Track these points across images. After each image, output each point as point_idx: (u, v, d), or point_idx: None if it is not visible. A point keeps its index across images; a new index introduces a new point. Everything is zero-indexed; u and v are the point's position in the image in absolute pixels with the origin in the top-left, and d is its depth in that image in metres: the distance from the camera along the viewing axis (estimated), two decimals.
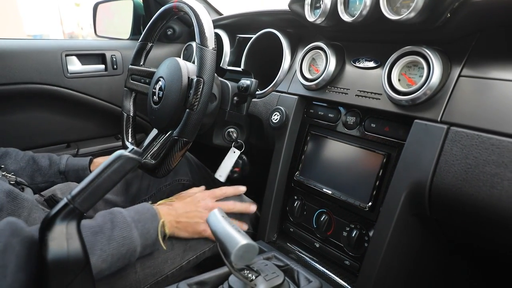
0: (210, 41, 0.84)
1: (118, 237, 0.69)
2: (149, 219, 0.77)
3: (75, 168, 1.04)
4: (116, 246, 0.68)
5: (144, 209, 0.78)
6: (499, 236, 0.67)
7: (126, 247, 0.70)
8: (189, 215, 0.85)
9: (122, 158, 0.60)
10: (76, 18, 13.25)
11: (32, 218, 0.74)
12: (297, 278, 0.60)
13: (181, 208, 0.86)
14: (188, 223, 0.84)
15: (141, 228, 0.74)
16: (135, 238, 0.72)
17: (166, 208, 0.84)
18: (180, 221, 0.83)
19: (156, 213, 0.79)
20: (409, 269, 0.82)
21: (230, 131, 1.08)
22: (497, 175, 0.58)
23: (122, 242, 0.70)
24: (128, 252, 0.71)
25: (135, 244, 0.72)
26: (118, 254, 0.69)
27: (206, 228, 0.85)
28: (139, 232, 0.73)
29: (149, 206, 0.81)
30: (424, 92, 0.67)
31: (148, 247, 0.76)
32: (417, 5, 0.64)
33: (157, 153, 0.95)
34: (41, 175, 1.01)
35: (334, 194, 0.84)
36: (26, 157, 1.02)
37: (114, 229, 0.70)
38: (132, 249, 0.71)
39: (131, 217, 0.74)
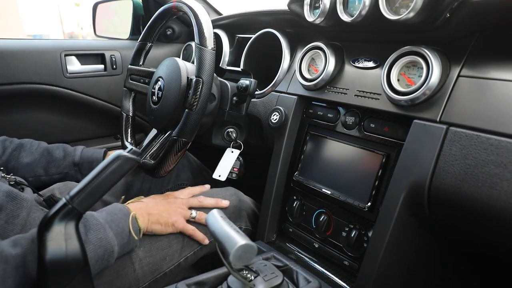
0: (209, 41, 0.84)
1: (93, 239, 0.68)
2: (122, 218, 0.76)
3: (90, 160, 1.04)
4: (92, 248, 0.67)
5: (115, 209, 0.78)
6: (498, 236, 0.67)
7: (102, 248, 0.69)
8: (159, 208, 0.85)
9: (120, 158, 0.60)
10: (76, 18, 13.25)
11: (32, 218, 0.74)
12: (296, 279, 0.60)
13: (151, 202, 0.87)
14: (160, 215, 0.84)
15: (115, 228, 0.73)
16: (111, 238, 0.70)
17: (136, 204, 0.85)
18: (151, 213, 0.83)
19: (128, 212, 0.78)
20: (408, 269, 0.82)
21: (230, 131, 1.08)
22: (496, 175, 0.58)
23: (99, 244, 0.68)
24: (106, 253, 0.70)
25: (112, 244, 0.70)
26: (95, 257, 0.68)
27: (178, 219, 0.85)
28: (114, 232, 0.72)
29: (120, 206, 0.80)
30: (423, 92, 0.67)
31: (125, 245, 0.75)
32: (416, 5, 0.64)
33: (156, 153, 0.95)
34: (56, 167, 1.02)
35: (333, 194, 0.84)
36: (40, 148, 1.02)
37: (88, 232, 0.68)
38: (109, 249, 0.70)
39: (104, 218, 0.73)
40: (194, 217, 0.89)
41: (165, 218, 0.84)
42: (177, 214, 0.86)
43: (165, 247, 0.84)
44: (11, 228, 0.69)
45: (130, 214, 0.78)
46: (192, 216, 0.89)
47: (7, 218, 0.69)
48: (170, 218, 0.85)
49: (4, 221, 0.69)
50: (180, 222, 0.86)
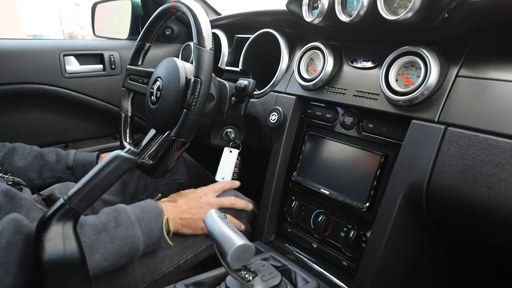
0: (208, 41, 0.84)
1: (121, 236, 0.69)
2: (153, 218, 0.77)
3: (83, 163, 1.04)
4: (119, 245, 0.68)
5: (148, 207, 0.79)
6: (496, 236, 0.67)
7: (128, 246, 0.70)
8: (192, 211, 0.86)
9: (118, 159, 0.60)
10: (76, 18, 13.25)
11: (30, 217, 0.73)
12: (294, 279, 0.60)
13: (184, 204, 0.87)
14: (192, 220, 0.85)
15: (144, 227, 0.74)
16: (138, 237, 0.72)
17: (170, 205, 0.85)
18: (184, 217, 0.84)
19: (160, 212, 0.79)
20: (406, 269, 0.82)
21: (228, 131, 1.08)
22: (494, 175, 0.58)
23: (125, 241, 0.70)
24: (131, 251, 0.71)
25: (138, 243, 0.72)
26: (120, 253, 0.69)
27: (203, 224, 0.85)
28: (143, 231, 0.73)
29: (154, 204, 0.81)
30: (422, 92, 0.67)
31: (151, 245, 0.77)
32: (414, 5, 0.64)
33: (154, 154, 0.95)
34: (49, 170, 1.01)
35: (332, 195, 0.84)
36: (33, 152, 1.02)
37: (118, 227, 0.70)
38: (135, 248, 0.71)
39: (135, 215, 0.74)
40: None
41: (196, 222, 0.85)
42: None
43: (165, 248, 0.84)
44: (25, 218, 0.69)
45: (163, 216, 0.78)
46: None
47: None
48: (201, 223, 0.85)
49: None
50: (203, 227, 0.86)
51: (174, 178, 1.19)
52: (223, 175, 1.05)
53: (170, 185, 1.18)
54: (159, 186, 1.16)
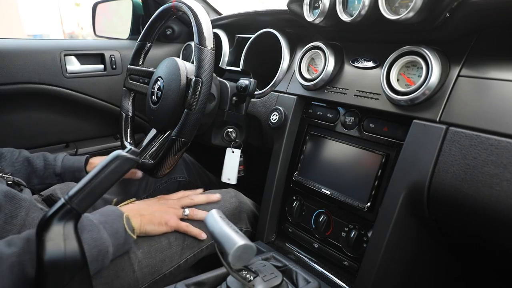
0: (209, 41, 0.84)
1: (88, 239, 0.67)
2: (115, 219, 0.75)
3: (71, 170, 1.03)
4: (87, 248, 0.65)
5: (108, 211, 0.77)
6: (498, 236, 0.66)
7: (97, 249, 0.68)
8: (151, 209, 0.85)
9: (119, 158, 0.60)
10: (76, 18, 13.26)
11: (31, 218, 0.74)
12: (295, 279, 0.60)
13: (142, 204, 0.87)
14: (152, 215, 0.83)
15: (109, 228, 0.72)
16: (105, 239, 0.70)
17: (128, 206, 0.85)
18: (143, 214, 0.82)
19: (121, 213, 0.78)
20: (407, 269, 0.81)
21: (229, 131, 1.08)
22: (496, 175, 0.58)
23: (93, 244, 0.67)
24: (101, 254, 0.69)
25: (106, 245, 0.70)
26: (90, 257, 0.66)
27: (170, 218, 0.85)
28: (109, 233, 0.71)
29: (113, 208, 0.79)
30: (423, 92, 0.67)
31: (120, 246, 0.75)
32: (416, 4, 0.64)
33: (155, 153, 0.95)
34: (37, 177, 1.00)
35: (333, 195, 0.84)
36: (20, 158, 1.00)
37: (82, 232, 0.67)
38: (104, 250, 0.69)
39: (97, 219, 0.72)
40: (187, 215, 0.89)
41: (157, 217, 0.84)
42: (170, 213, 0.86)
43: (165, 249, 0.84)
44: (9, 228, 0.69)
45: (123, 215, 0.77)
46: (184, 214, 0.89)
47: (6, 218, 0.69)
48: (163, 218, 0.84)
49: (3, 221, 0.69)
50: (173, 221, 0.85)
51: (173, 177, 1.19)
52: (228, 176, 1.06)
53: (169, 184, 1.18)
54: (159, 185, 1.17)
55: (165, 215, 0.85)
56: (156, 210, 0.85)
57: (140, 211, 0.83)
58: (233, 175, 1.06)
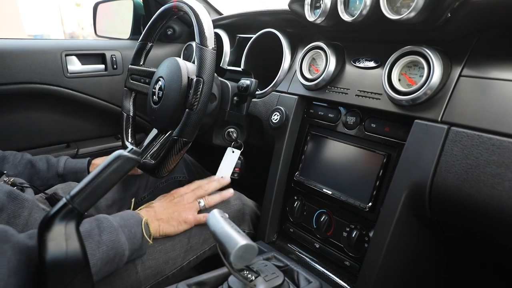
0: (210, 41, 0.84)
1: (107, 241, 0.69)
2: (134, 224, 0.77)
3: (74, 171, 1.04)
4: (105, 250, 0.68)
5: (128, 215, 0.79)
6: (499, 236, 0.66)
7: (114, 251, 0.69)
8: (168, 211, 0.86)
9: (121, 158, 0.60)
10: (77, 18, 13.26)
11: (33, 218, 0.74)
12: (297, 279, 0.60)
13: (159, 207, 0.87)
14: (170, 217, 0.85)
15: (127, 232, 0.73)
16: (123, 242, 0.71)
17: (146, 210, 0.86)
18: (161, 218, 0.84)
19: (140, 218, 0.79)
20: (409, 269, 0.81)
21: (230, 131, 1.08)
22: (498, 175, 0.58)
23: (111, 246, 0.69)
24: (117, 257, 0.70)
25: (123, 248, 0.71)
26: (107, 258, 0.68)
27: (187, 215, 0.86)
28: (127, 237, 0.73)
29: (133, 212, 0.81)
30: (425, 92, 0.67)
31: (136, 251, 0.76)
32: (417, 4, 0.64)
33: (156, 153, 0.95)
34: (40, 179, 1.01)
35: (334, 195, 0.84)
36: (23, 161, 1.01)
37: (102, 233, 0.69)
38: (121, 253, 0.71)
39: (117, 222, 0.73)
40: (203, 206, 0.90)
41: (176, 218, 0.85)
42: (186, 210, 0.87)
43: (169, 251, 0.84)
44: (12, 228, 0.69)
45: (142, 220, 0.79)
46: (201, 206, 0.90)
47: (8, 218, 0.69)
48: (181, 217, 0.86)
49: (5, 221, 0.69)
50: (191, 217, 0.87)
51: (173, 176, 1.19)
52: (222, 174, 1.05)
53: (169, 183, 1.19)
54: (159, 184, 1.17)
55: (183, 214, 0.86)
56: (173, 211, 0.86)
57: (158, 215, 0.84)
58: (227, 175, 1.06)
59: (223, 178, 1.00)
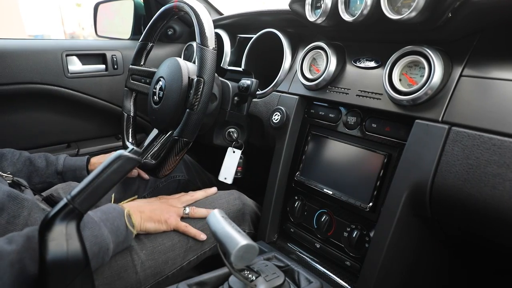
0: (211, 41, 0.84)
1: (88, 236, 0.68)
2: (117, 217, 0.76)
3: (73, 168, 1.04)
4: (88, 245, 0.65)
5: (109, 209, 0.78)
6: (500, 236, 0.66)
7: (98, 246, 0.69)
8: (152, 206, 0.86)
9: (122, 158, 0.60)
10: (77, 18, 13.27)
11: (33, 218, 0.74)
12: (297, 279, 0.60)
13: (143, 201, 0.88)
14: (152, 213, 0.84)
15: (110, 226, 0.73)
16: (106, 236, 0.71)
17: (129, 203, 0.85)
18: (143, 211, 0.83)
19: (122, 211, 0.79)
20: (409, 269, 0.81)
21: (231, 131, 1.08)
22: (499, 175, 0.57)
23: (94, 241, 0.68)
24: (101, 251, 0.70)
25: (107, 242, 0.71)
26: (91, 254, 0.67)
27: (170, 216, 0.86)
28: (109, 230, 0.72)
29: (114, 205, 0.80)
30: (425, 92, 0.67)
31: (121, 243, 0.76)
32: (418, 4, 0.64)
33: (157, 153, 0.95)
34: (38, 176, 1.01)
35: (335, 195, 0.84)
36: (22, 158, 1.01)
37: (83, 229, 0.68)
38: (105, 247, 0.70)
39: (98, 217, 0.73)
40: (187, 213, 0.89)
41: (157, 215, 0.84)
42: (170, 211, 0.87)
43: (168, 251, 0.84)
44: (12, 228, 0.69)
45: (125, 211, 0.78)
46: (185, 213, 0.89)
47: (8, 218, 0.69)
48: (163, 216, 0.85)
49: (5, 221, 0.69)
50: (173, 219, 0.86)
51: (173, 176, 1.19)
52: (226, 175, 1.05)
53: (169, 182, 1.19)
54: (159, 184, 1.17)
55: (165, 213, 0.86)
56: (156, 208, 0.86)
57: (140, 207, 0.84)
58: (230, 175, 1.06)
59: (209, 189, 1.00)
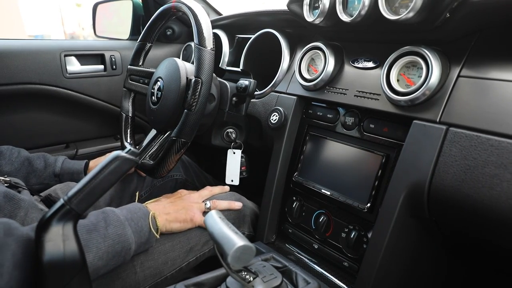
0: (208, 41, 0.84)
1: (113, 234, 0.69)
2: (141, 217, 0.78)
3: (70, 171, 1.04)
4: (111, 243, 0.69)
5: (135, 208, 0.79)
6: (498, 237, 0.66)
7: (121, 245, 0.70)
8: (176, 207, 0.87)
9: (119, 159, 0.60)
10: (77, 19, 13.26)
11: (30, 218, 0.74)
12: (295, 280, 0.60)
13: (167, 201, 0.89)
14: (177, 213, 0.86)
15: (134, 226, 0.74)
16: (129, 236, 0.72)
17: (154, 204, 0.87)
18: (168, 212, 0.85)
19: (147, 211, 0.80)
20: (407, 270, 0.81)
21: (229, 132, 1.08)
22: (497, 176, 0.57)
23: (118, 240, 0.70)
24: (123, 250, 0.71)
25: (130, 242, 0.72)
26: (113, 252, 0.69)
27: (195, 214, 0.87)
28: (133, 230, 0.74)
29: (140, 205, 0.82)
30: (423, 92, 0.67)
31: (142, 244, 0.77)
32: (416, 5, 0.64)
33: (155, 154, 0.95)
34: (36, 177, 1.00)
35: (333, 195, 0.84)
36: (20, 158, 1.00)
37: (108, 227, 0.70)
38: (127, 246, 0.72)
39: (124, 215, 0.74)
40: (208, 207, 0.91)
41: (183, 215, 0.86)
42: (193, 209, 0.89)
43: (168, 251, 0.84)
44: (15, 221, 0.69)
45: (150, 213, 0.80)
46: (207, 207, 0.91)
47: None
48: (188, 214, 0.87)
49: None
50: (198, 216, 0.88)
51: (170, 175, 1.19)
52: (232, 177, 1.06)
53: (166, 181, 1.19)
54: (156, 183, 1.17)
55: (190, 212, 0.87)
56: (180, 208, 0.87)
57: (166, 209, 0.85)
58: (236, 176, 1.06)
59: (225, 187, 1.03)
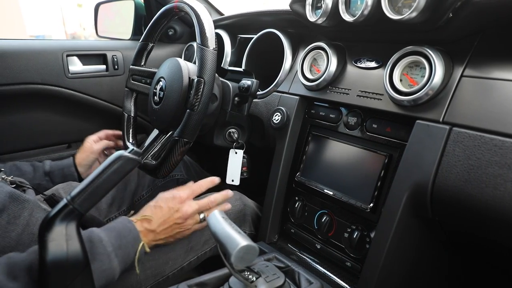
0: (211, 41, 0.84)
1: (97, 270, 0.65)
2: (131, 243, 0.73)
3: (60, 167, 1.05)
4: (95, 277, 0.64)
5: (126, 231, 0.74)
6: (502, 237, 0.66)
7: (105, 279, 0.67)
8: (167, 230, 0.81)
9: (122, 159, 0.60)
10: (79, 19, 13.29)
11: (35, 218, 0.74)
12: (298, 280, 0.60)
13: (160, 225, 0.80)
14: (171, 236, 0.81)
15: (121, 254, 0.70)
16: (114, 268, 0.68)
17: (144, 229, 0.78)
18: (160, 238, 0.80)
19: (138, 236, 0.75)
20: (410, 270, 0.81)
21: (231, 132, 1.08)
22: (500, 176, 0.57)
23: (103, 275, 0.66)
24: (107, 281, 0.68)
25: (114, 274, 0.68)
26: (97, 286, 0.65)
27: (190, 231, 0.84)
28: (119, 260, 0.69)
29: (131, 226, 0.75)
30: (426, 92, 0.67)
31: (127, 268, 0.73)
32: (419, 4, 0.64)
33: (157, 154, 0.94)
34: (27, 180, 0.97)
35: (336, 195, 0.84)
36: (7, 165, 1.00)
37: (93, 262, 0.65)
38: (111, 278, 0.68)
39: (112, 244, 0.69)
40: (202, 219, 0.85)
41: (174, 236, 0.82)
42: (188, 226, 0.83)
43: (169, 251, 0.84)
44: (12, 228, 0.69)
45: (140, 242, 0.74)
46: (201, 218, 0.85)
47: (9, 218, 0.69)
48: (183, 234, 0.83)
49: (6, 221, 0.69)
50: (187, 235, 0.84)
51: (172, 175, 1.19)
52: (232, 177, 1.06)
53: (167, 181, 1.19)
54: (158, 183, 1.17)
55: (185, 232, 0.83)
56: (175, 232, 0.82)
57: (158, 235, 0.79)
58: (236, 176, 1.06)
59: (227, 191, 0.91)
